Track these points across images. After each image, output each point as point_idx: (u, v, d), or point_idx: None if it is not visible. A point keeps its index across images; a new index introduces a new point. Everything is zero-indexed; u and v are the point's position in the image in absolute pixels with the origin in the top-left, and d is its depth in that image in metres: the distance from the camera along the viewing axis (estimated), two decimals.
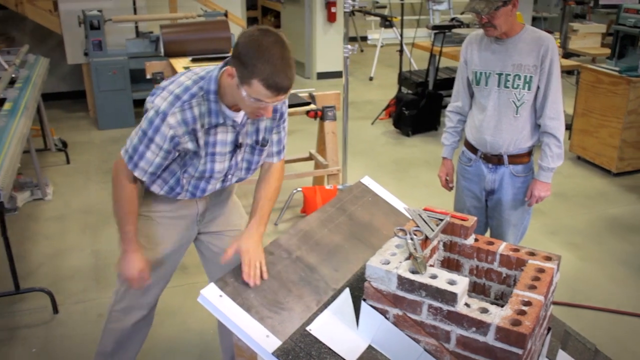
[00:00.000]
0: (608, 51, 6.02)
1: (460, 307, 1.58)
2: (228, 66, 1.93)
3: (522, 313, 1.57)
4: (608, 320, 3.29)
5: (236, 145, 2.11)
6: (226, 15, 6.47)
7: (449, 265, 2.03)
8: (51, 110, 6.69)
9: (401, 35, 6.68)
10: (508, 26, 2.59)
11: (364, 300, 1.73)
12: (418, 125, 6.33)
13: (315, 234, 2.09)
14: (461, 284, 1.60)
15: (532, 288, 1.69)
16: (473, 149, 2.85)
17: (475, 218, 2.01)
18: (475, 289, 2.02)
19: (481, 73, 2.72)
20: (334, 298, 1.86)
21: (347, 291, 1.89)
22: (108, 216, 4.06)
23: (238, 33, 6.84)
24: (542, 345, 1.86)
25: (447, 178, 3.05)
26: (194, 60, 5.39)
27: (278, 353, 1.63)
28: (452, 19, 6.80)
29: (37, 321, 3.22)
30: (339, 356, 1.66)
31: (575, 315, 3.29)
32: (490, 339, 1.55)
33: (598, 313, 3.34)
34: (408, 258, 1.72)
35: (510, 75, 2.65)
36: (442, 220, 1.96)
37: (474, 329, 1.57)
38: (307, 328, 1.72)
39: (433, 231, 1.88)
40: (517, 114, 2.67)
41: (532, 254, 1.89)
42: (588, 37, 7.16)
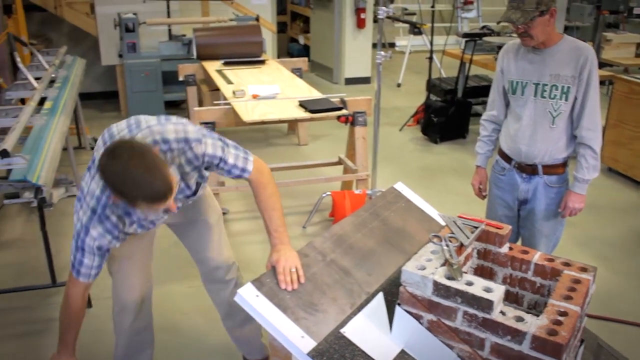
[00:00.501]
0: None
1: (495, 315, 1.59)
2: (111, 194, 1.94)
3: (559, 323, 1.57)
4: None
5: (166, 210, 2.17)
6: (257, 19, 6.53)
7: (483, 273, 2.04)
8: (84, 109, 6.77)
9: (431, 42, 6.68)
10: (545, 36, 2.58)
11: (399, 304, 1.74)
12: (446, 132, 6.32)
13: (349, 238, 2.10)
14: (497, 292, 1.60)
15: (568, 298, 1.69)
16: (507, 158, 2.84)
17: (509, 227, 2.01)
18: (508, 298, 2.02)
19: (517, 82, 2.72)
20: (368, 302, 1.87)
21: (381, 295, 1.90)
22: None
23: (269, 38, 6.95)
24: (575, 357, 1.85)
25: (481, 187, 3.05)
26: (226, 63, 5.46)
27: (313, 354, 1.65)
28: (483, 27, 6.78)
29: None
30: (372, 359, 1.68)
31: (606, 328, 3.26)
32: (525, 348, 1.55)
33: (630, 327, 3.31)
34: (443, 264, 1.73)
35: (547, 85, 2.64)
36: (477, 227, 1.96)
37: (509, 337, 1.57)
38: (341, 330, 1.74)
39: (468, 238, 1.89)
40: (554, 125, 2.66)
41: (567, 265, 1.89)
42: (622, 47, 7.08)
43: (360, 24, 8.48)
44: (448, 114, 6.25)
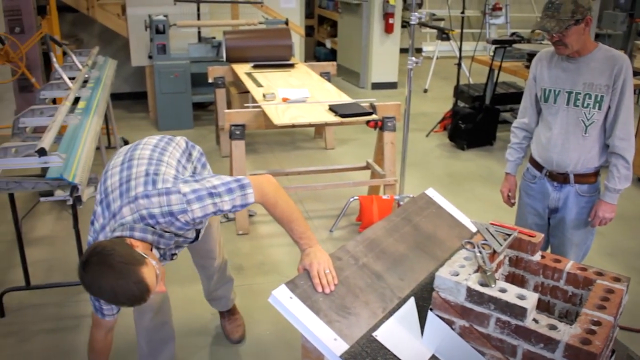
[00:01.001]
0: None
1: (528, 323, 1.59)
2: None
3: (592, 332, 1.57)
4: None
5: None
6: (286, 23, 6.57)
7: (514, 280, 2.04)
8: (113, 109, 6.89)
9: (460, 48, 6.67)
10: (580, 45, 2.57)
11: (431, 309, 1.75)
12: (474, 139, 6.30)
13: (381, 242, 2.12)
14: (531, 299, 1.60)
15: (602, 308, 1.69)
16: (538, 166, 2.84)
17: (542, 235, 2.01)
18: (539, 306, 2.01)
19: (550, 90, 2.72)
20: (399, 306, 1.89)
21: (412, 300, 1.92)
22: None
23: (297, 41, 6.99)
24: None
25: (510, 194, 3.05)
26: (255, 66, 5.50)
27: (345, 357, 1.67)
28: (513, 34, 6.75)
29: None
30: None
31: (637, 339, 3.22)
32: (558, 357, 1.55)
33: None
34: (477, 271, 1.73)
35: (580, 94, 2.63)
36: (510, 235, 1.97)
37: (542, 345, 1.57)
38: (374, 334, 1.76)
39: (501, 245, 1.90)
40: (586, 133, 2.66)
41: (600, 274, 1.89)
42: None
43: (388, 29, 8.48)
44: (476, 121, 6.23)
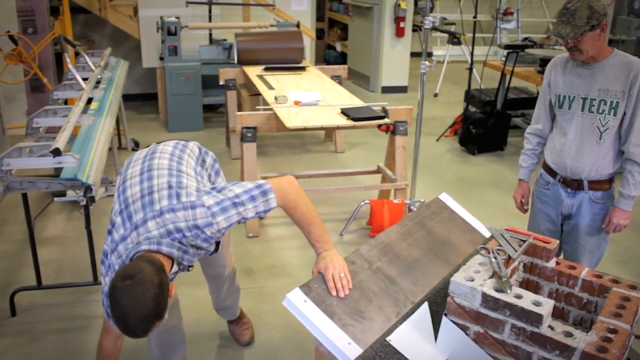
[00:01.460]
0: None
1: (544, 329, 1.59)
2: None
3: (608, 340, 1.56)
4: None
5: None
6: (298, 26, 6.57)
7: (528, 286, 2.03)
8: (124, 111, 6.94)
9: (472, 53, 6.65)
10: (595, 50, 2.56)
11: (445, 315, 1.75)
12: (485, 144, 6.29)
13: (395, 247, 2.12)
14: (547, 306, 1.60)
15: (618, 316, 1.67)
16: (552, 173, 2.83)
17: (557, 241, 2.00)
18: (553, 313, 2.00)
19: (565, 96, 2.70)
20: (413, 311, 1.88)
21: (426, 305, 1.91)
22: None
23: (308, 44, 6.99)
24: None
25: (523, 200, 3.03)
26: (267, 69, 5.51)
27: None
28: (525, 39, 6.73)
29: None
30: None
31: None
32: None
33: None
34: (492, 276, 1.73)
35: (595, 100, 2.62)
36: (525, 241, 1.96)
37: (557, 352, 1.56)
38: (387, 339, 1.75)
39: (516, 251, 1.89)
40: (601, 140, 2.64)
41: (616, 282, 1.88)
42: None
43: (399, 33, 8.48)
44: (487, 126, 6.21)
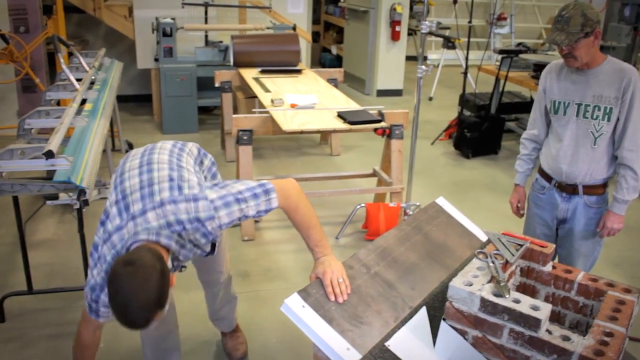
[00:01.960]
0: None
1: (542, 333, 1.59)
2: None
3: (605, 344, 1.57)
4: None
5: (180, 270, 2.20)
6: (294, 28, 6.58)
7: (525, 290, 2.04)
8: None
9: (466, 57, 6.68)
10: (589, 57, 2.59)
11: (444, 319, 1.75)
12: (479, 147, 6.32)
13: (392, 251, 2.12)
14: (545, 310, 1.60)
15: (613, 319, 1.69)
16: (547, 177, 2.84)
17: (554, 245, 2.01)
18: (550, 317, 2.01)
19: (560, 102, 2.72)
20: (411, 316, 1.89)
21: (424, 310, 1.91)
22: None
23: (303, 47, 7.00)
24: None
25: (519, 205, 3.05)
26: (263, 71, 5.51)
27: None
28: (519, 44, 6.77)
29: None
30: None
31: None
32: None
33: None
34: (490, 281, 1.73)
35: (589, 106, 2.64)
36: (522, 245, 1.97)
37: (555, 356, 1.57)
38: (386, 344, 1.76)
39: (513, 256, 1.90)
40: (595, 145, 2.66)
41: (611, 285, 1.89)
42: None
43: (394, 37, 8.51)
44: (481, 130, 6.24)
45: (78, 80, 4.39)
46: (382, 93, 8.80)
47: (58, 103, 4.65)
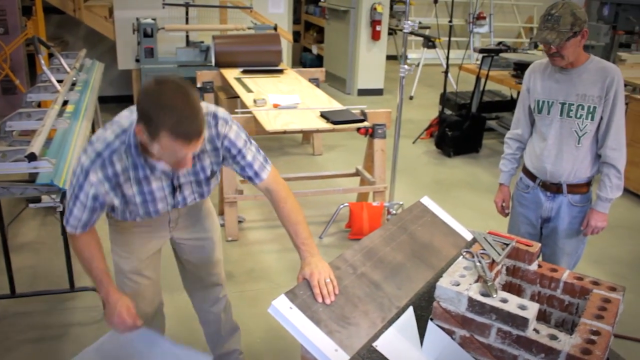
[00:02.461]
0: None
1: (529, 333, 1.60)
2: (136, 124, 1.88)
3: (592, 342, 1.58)
4: None
5: (174, 187, 2.14)
6: (275, 29, 6.57)
7: (511, 289, 2.05)
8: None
9: (447, 56, 6.71)
10: (575, 56, 2.61)
11: (431, 319, 1.75)
12: (460, 146, 6.35)
13: (378, 251, 2.12)
14: (532, 309, 1.61)
15: (600, 318, 1.70)
16: (532, 176, 2.86)
17: (539, 244, 2.03)
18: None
19: (544, 102, 2.74)
20: (398, 316, 1.88)
21: (411, 310, 1.92)
22: None
23: (284, 47, 7.00)
24: None
25: (504, 204, 3.07)
26: (245, 71, 5.49)
27: None
28: (499, 43, 6.83)
29: (89, 320, 3.30)
30: None
31: (623, 346, 3.26)
32: None
33: None
34: (477, 280, 1.74)
35: (573, 105, 2.66)
36: (508, 244, 1.98)
37: (543, 355, 1.58)
38: (374, 344, 1.75)
39: (500, 255, 1.91)
40: (579, 144, 2.68)
41: (596, 284, 1.90)
42: (636, 67, 7.08)
43: (375, 36, 8.53)
44: (462, 128, 6.28)
45: (59, 81, 4.35)
46: (363, 92, 8.82)
47: (39, 105, 4.60)
